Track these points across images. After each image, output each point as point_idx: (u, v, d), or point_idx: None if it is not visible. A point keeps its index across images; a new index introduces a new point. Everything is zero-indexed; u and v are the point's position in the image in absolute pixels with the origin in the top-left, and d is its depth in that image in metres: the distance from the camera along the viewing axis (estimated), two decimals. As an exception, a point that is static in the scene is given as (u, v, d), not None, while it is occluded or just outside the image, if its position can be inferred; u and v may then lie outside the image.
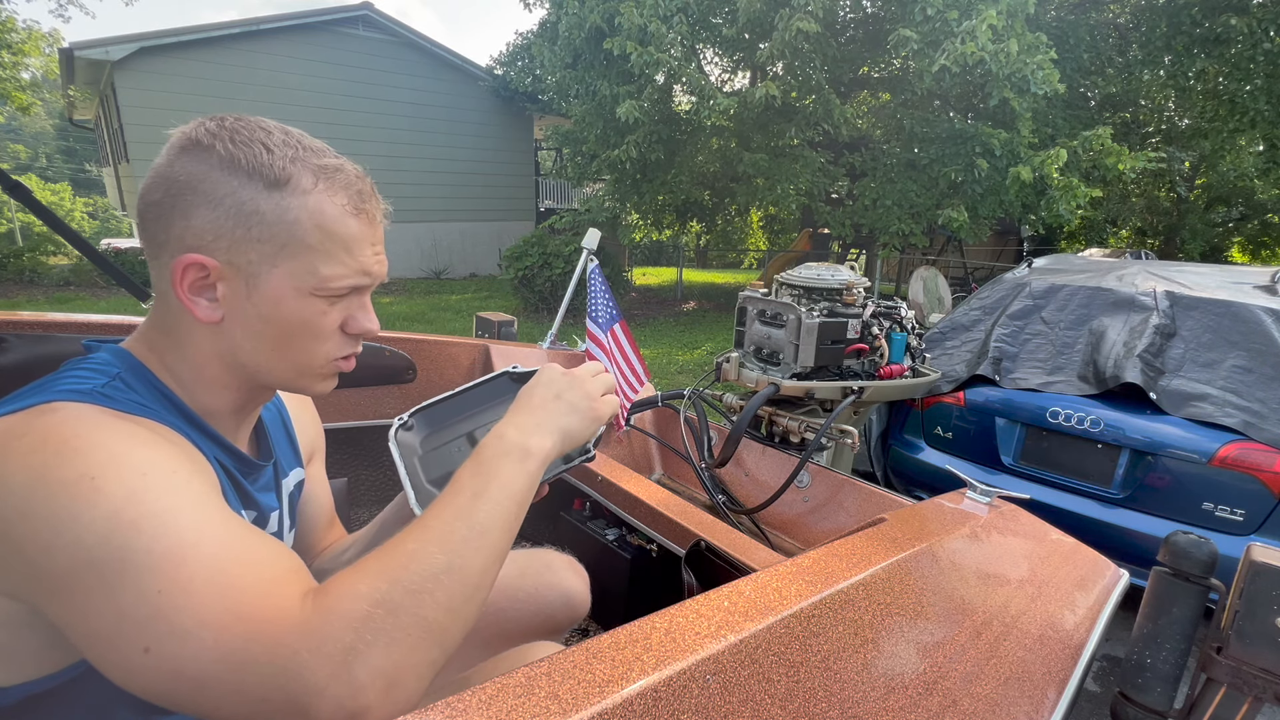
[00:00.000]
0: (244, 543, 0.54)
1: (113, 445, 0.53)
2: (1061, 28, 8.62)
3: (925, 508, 1.16)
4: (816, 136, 8.85)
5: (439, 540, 0.56)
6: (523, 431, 0.67)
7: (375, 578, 0.53)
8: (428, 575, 0.54)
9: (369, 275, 0.68)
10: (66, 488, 0.49)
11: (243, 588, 0.51)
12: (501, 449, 0.65)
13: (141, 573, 0.48)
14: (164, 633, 0.48)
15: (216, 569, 0.50)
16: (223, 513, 0.56)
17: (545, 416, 0.70)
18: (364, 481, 1.78)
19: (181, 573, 0.49)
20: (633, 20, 7.25)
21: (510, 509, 0.62)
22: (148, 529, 0.50)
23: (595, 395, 0.74)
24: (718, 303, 11.58)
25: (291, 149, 0.63)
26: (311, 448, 0.94)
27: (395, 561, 0.54)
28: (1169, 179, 13.08)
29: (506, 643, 0.98)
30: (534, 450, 0.66)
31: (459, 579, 0.55)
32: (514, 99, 13.53)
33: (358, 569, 0.54)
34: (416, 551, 0.55)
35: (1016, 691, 0.89)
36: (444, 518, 0.58)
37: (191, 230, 0.60)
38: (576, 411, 0.72)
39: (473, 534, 0.58)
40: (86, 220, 30.39)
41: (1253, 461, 2.28)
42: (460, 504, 0.60)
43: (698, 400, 1.88)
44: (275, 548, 0.57)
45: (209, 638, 0.48)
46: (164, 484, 0.53)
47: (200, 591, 0.49)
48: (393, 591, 0.52)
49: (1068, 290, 3.15)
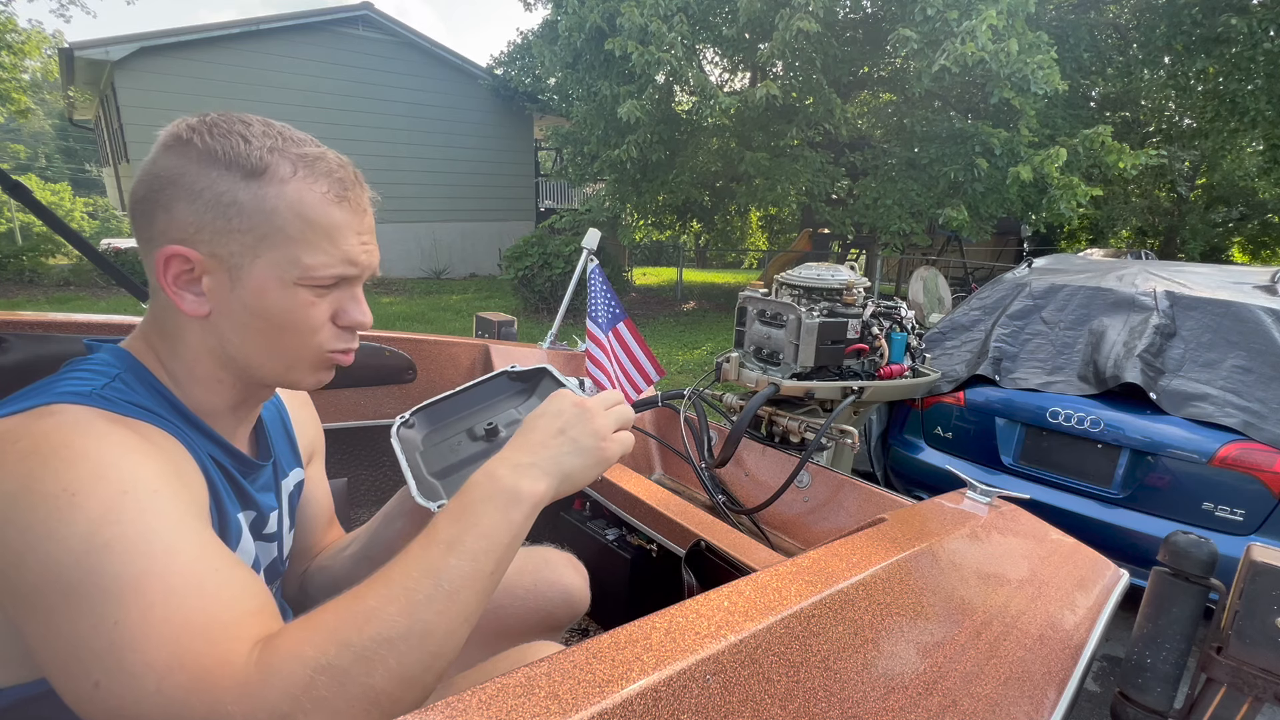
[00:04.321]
0: (212, 576, 0.52)
1: (100, 456, 0.52)
2: (1062, 27, 8.63)
3: (925, 508, 1.16)
4: (817, 136, 8.87)
5: (400, 600, 0.51)
6: (516, 471, 0.61)
7: (325, 639, 0.49)
8: (382, 640, 0.49)
9: (356, 265, 0.66)
10: (46, 501, 0.49)
11: (195, 630, 0.48)
12: (488, 491, 0.59)
13: (105, 599, 0.47)
14: (112, 668, 0.46)
15: (176, 604, 0.48)
16: (198, 539, 0.54)
17: (545, 455, 0.63)
18: (363, 481, 1.78)
19: (141, 603, 0.47)
20: (634, 20, 7.25)
21: (486, 565, 0.56)
22: (118, 552, 0.48)
23: (605, 433, 0.67)
24: (718, 303, 11.58)
25: (271, 139, 0.63)
26: (311, 448, 0.93)
27: (350, 621, 0.50)
28: (1169, 179, 13.08)
29: (506, 640, 0.98)
30: (524, 495, 0.60)
31: (417, 646, 0.50)
32: (514, 99, 13.53)
33: (311, 622, 0.51)
34: (374, 611, 0.51)
35: (1016, 691, 0.89)
36: (410, 572, 0.53)
37: (174, 223, 0.61)
38: (581, 452, 0.65)
39: (439, 595, 0.52)
40: (86, 220, 30.35)
41: (1253, 461, 2.28)
42: (430, 558, 0.54)
43: (698, 400, 1.88)
44: (242, 584, 0.54)
45: (152, 683, 0.46)
46: (143, 505, 0.51)
47: (155, 627, 0.47)
48: (341, 657, 0.48)
49: (1068, 290, 3.14)
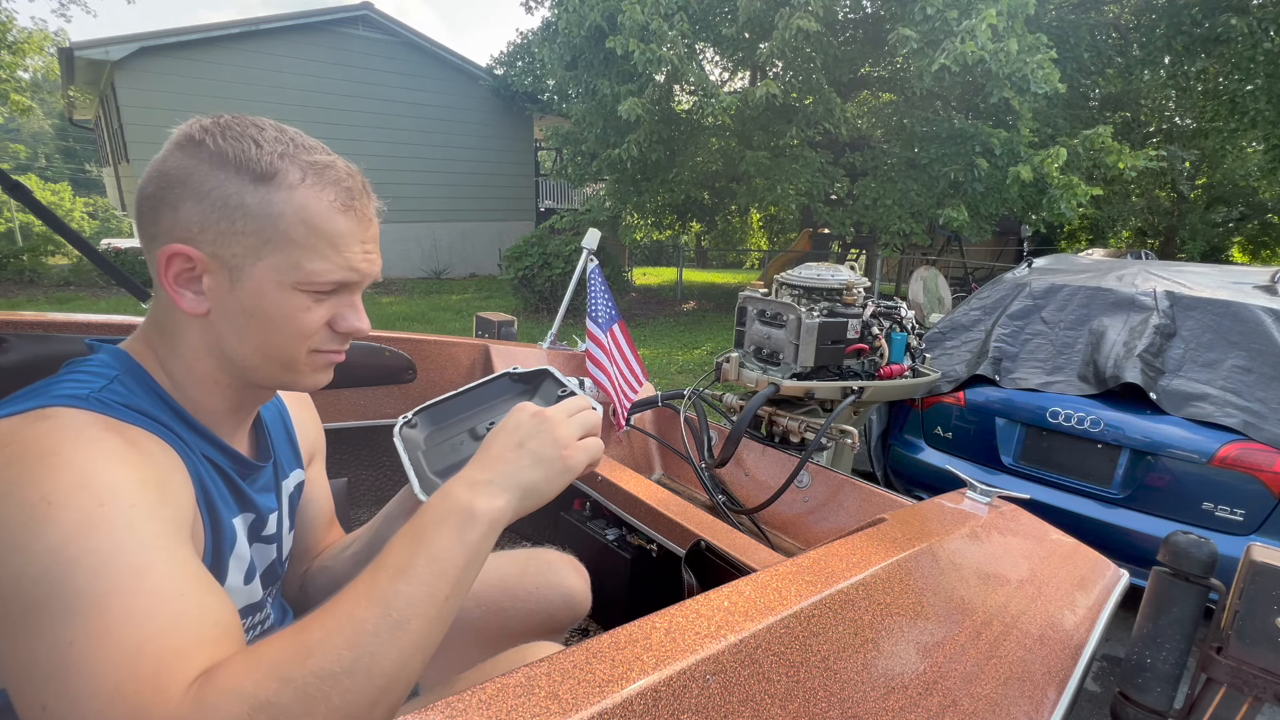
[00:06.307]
0: (176, 601, 0.50)
1: (84, 466, 0.52)
2: (1061, 27, 8.63)
3: (925, 508, 1.16)
4: (817, 136, 8.86)
5: (346, 632, 0.49)
6: (472, 490, 0.59)
7: (265, 674, 0.47)
8: (325, 676, 0.47)
9: (357, 273, 0.66)
10: (22, 510, 0.48)
11: (146, 655, 0.46)
12: (440, 513, 0.57)
13: (66, 617, 0.46)
14: (60, 694, 0.45)
15: (134, 629, 0.47)
16: (170, 558, 0.52)
17: (502, 470, 0.61)
18: (363, 481, 1.78)
19: (100, 625, 0.46)
20: (635, 18, 7.25)
21: (439, 590, 0.53)
22: (86, 568, 0.47)
23: (567, 441, 0.64)
24: (718, 303, 11.58)
25: (282, 145, 0.63)
26: (312, 449, 0.93)
27: (291, 656, 0.48)
28: (1169, 178, 13.09)
29: (507, 642, 0.98)
30: (480, 513, 0.57)
31: (363, 681, 0.48)
32: (514, 99, 13.53)
33: (254, 656, 0.49)
34: (318, 645, 0.48)
35: (1016, 691, 0.89)
36: (357, 601, 0.51)
37: (179, 223, 0.61)
38: (542, 463, 0.62)
39: (385, 625, 0.50)
40: (86, 220, 30.38)
41: (1253, 461, 2.28)
42: (378, 586, 0.52)
43: (698, 400, 1.88)
44: (207, 609, 0.52)
45: (93, 712, 0.45)
46: (118, 520, 0.50)
47: (108, 650, 0.46)
48: (281, 694, 0.46)
49: (1068, 290, 3.15)
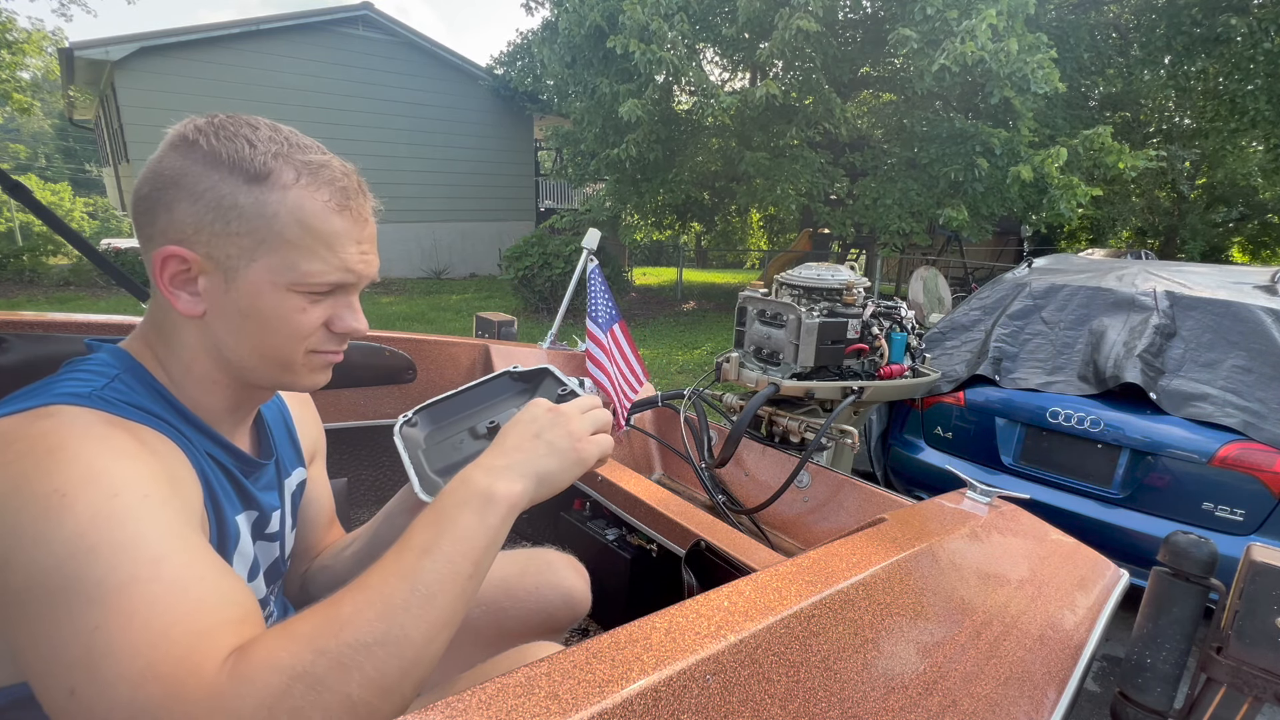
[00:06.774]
0: (196, 585, 0.51)
1: (93, 459, 0.52)
2: (1061, 27, 8.63)
3: (925, 508, 1.16)
4: (817, 136, 8.86)
5: (377, 605, 0.51)
6: (490, 475, 0.61)
7: (301, 646, 0.48)
8: (358, 647, 0.49)
9: (353, 273, 0.66)
10: (36, 502, 0.49)
11: (173, 637, 0.47)
12: (462, 496, 0.59)
13: (87, 605, 0.47)
14: (88, 677, 0.46)
15: (157, 613, 0.48)
16: (186, 545, 0.53)
17: (520, 459, 0.64)
18: (364, 481, 1.78)
19: (123, 610, 0.47)
20: (636, 18, 7.25)
21: (463, 568, 0.56)
22: (105, 557, 0.48)
23: (581, 435, 0.68)
24: (718, 303, 11.57)
25: (276, 145, 0.63)
26: (313, 448, 0.93)
27: (326, 627, 0.50)
28: (1169, 178, 13.09)
29: (506, 642, 0.98)
30: (499, 497, 0.60)
31: (395, 652, 0.50)
32: (514, 99, 13.52)
33: (287, 630, 0.50)
34: (350, 618, 0.50)
35: (1016, 691, 0.89)
36: (386, 578, 0.53)
37: (174, 224, 0.61)
38: (557, 453, 0.66)
39: (415, 600, 0.52)
40: (86, 220, 30.38)
41: (1253, 461, 2.28)
42: (405, 563, 0.54)
43: (698, 400, 1.88)
44: (227, 592, 0.53)
45: (125, 694, 0.45)
46: (133, 509, 0.51)
47: (133, 636, 0.46)
48: (317, 664, 0.47)
49: (1068, 290, 3.14)
